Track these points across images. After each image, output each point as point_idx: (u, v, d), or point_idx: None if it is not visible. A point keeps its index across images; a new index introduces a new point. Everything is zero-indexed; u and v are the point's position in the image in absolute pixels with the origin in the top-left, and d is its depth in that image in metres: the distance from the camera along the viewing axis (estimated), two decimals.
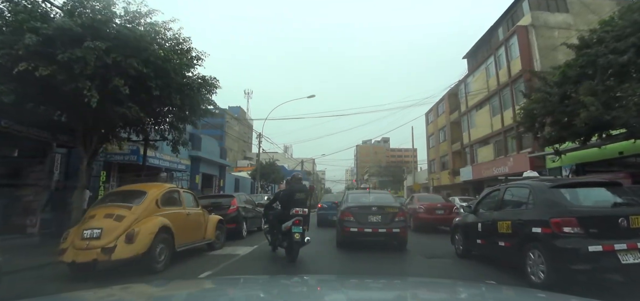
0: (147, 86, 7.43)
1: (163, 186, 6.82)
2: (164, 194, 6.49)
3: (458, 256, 7.27)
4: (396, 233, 8.00)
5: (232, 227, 10.30)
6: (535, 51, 21.00)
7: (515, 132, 21.77)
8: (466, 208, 7.92)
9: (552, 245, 4.50)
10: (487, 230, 6.08)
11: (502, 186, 6.39)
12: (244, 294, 1.95)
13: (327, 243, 9.66)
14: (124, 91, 6.84)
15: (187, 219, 6.99)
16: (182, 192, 7.12)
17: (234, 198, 10.83)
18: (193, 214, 7.31)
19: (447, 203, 14.28)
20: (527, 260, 4.88)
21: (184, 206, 7.02)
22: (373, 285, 2.30)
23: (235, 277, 4.26)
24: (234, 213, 10.45)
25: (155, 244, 5.76)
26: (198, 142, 20.41)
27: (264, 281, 2.82)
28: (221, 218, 8.72)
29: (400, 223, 8.15)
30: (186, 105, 8.76)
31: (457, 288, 2.25)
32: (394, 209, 8.36)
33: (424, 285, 2.61)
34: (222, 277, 5.09)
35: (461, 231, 7.30)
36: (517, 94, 21.69)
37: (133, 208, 5.90)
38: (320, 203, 16.32)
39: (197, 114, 9.40)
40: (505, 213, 5.77)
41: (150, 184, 7.67)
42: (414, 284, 2.60)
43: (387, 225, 7.98)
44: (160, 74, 7.59)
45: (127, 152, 12.52)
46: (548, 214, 4.67)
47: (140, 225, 5.68)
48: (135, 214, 5.80)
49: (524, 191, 5.52)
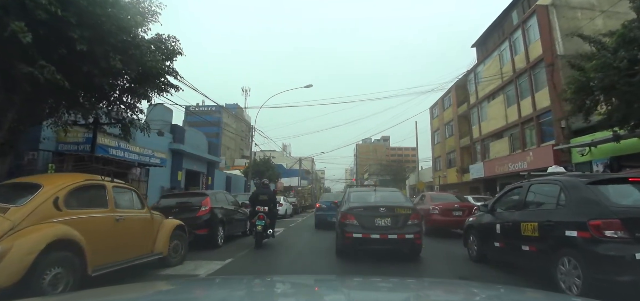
0: (68, 37, 5.30)
1: (72, 177, 4.60)
2: (71, 190, 4.28)
3: (472, 260, 6.63)
4: (409, 239, 6.50)
5: (203, 233, 8.14)
6: (556, 33, 18.78)
7: (534, 123, 19.58)
8: (482, 207, 6.84)
9: (590, 252, 3.94)
10: (508, 232, 5.47)
11: (525, 182, 5.64)
12: (242, 294, 1.85)
13: (324, 253, 7.72)
14: (24, 38, 4.70)
15: (116, 228, 4.80)
16: (111, 188, 4.91)
17: (206, 196, 8.63)
18: (128, 219, 5.12)
19: (466, 203, 12.27)
20: (558, 268, 4.30)
21: (111, 208, 4.83)
22: (376, 285, 2.13)
23: (228, 277, 4.31)
24: (205, 216, 8.28)
25: (42, 269, 3.59)
26: (181, 134, 18.23)
27: (262, 281, 2.54)
28: (180, 224, 6.54)
29: (415, 227, 6.66)
30: (132, 71, 6.59)
31: (471, 290, 2.05)
32: (406, 210, 6.80)
33: (433, 285, 2.46)
34: (213, 277, 4.83)
35: (476, 232, 6.64)
36: (537, 80, 19.55)
37: (10, 211, 3.71)
38: (319, 203, 14.60)
39: (150, 85, 7.20)
40: (530, 213, 5.17)
41: (55, 175, 5.58)
42: (420, 284, 2.35)
43: (399, 230, 6.53)
44: (88, 22, 5.45)
45: (82, 140, 10.35)
46: (586, 216, 4.10)
47: (16, 239, 3.50)
48: (11, 220, 3.61)
49: (554, 188, 4.84)
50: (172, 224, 6.28)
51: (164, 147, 16.47)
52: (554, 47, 18.53)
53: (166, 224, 6.21)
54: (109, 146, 10.75)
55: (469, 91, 27.75)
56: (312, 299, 1.86)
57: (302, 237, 10.69)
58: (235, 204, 10.53)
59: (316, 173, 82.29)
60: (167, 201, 8.75)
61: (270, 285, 2.25)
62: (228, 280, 2.95)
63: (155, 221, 5.92)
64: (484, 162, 24.59)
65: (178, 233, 6.43)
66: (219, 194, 9.76)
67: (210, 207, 8.41)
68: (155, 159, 13.26)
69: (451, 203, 11.56)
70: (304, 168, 55.04)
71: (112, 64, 5.87)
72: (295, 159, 49.27)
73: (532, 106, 19.54)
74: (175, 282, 3.13)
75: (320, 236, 10.77)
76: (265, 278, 3.32)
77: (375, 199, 7.61)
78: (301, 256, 7.95)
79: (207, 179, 21.89)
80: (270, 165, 30.37)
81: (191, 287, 2.17)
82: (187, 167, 19.15)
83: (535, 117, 19.37)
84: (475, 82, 26.56)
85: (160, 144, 15.88)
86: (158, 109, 17.37)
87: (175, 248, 6.32)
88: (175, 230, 6.29)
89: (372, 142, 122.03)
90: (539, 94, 19.19)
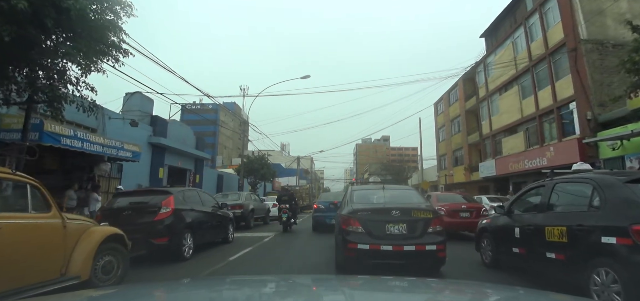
0: None
1: None
2: None
3: (485, 265, 6.10)
4: (431, 252, 5.05)
5: (163, 243, 6.32)
6: (579, 15, 16.97)
7: (554, 115, 17.73)
8: (498, 208, 6.20)
9: (633, 262, 3.34)
10: (529, 237, 4.91)
11: (548, 181, 5.03)
12: (240, 294, 1.89)
13: (322, 269, 5.89)
14: None
15: None
16: None
17: (169, 195, 6.76)
18: (12, 229, 3.29)
19: (474, 204, 11.25)
20: (591, 280, 3.70)
21: None
22: (378, 286, 2.05)
23: (227, 277, 4.29)
24: (166, 220, 6.45)
25: None
26: (162, 126, 16.37)
27: (261, 281, 2.50)
28: (116, 233, 4.71)
29: (437, 236, 5.20)
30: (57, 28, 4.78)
31: (483, 291, 1.93)
32: (426, 214, 5.30)
33: (443, 285, 2.35)
34: (213, 277, 4.60)
35: (490, 236, 6.09)
36: (558, 68, 17.71)
37: None
38: (316, 204, 13.07)
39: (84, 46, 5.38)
40: (556, 216, 4.59)
41: None
42: (428, 286, 2.10)
43: (417, 240, 5.06)
44: None
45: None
46: (627, 219, 3.51)
47: None
48: None
49: (585, 188, 4.30)
50: (100, 235, 4.44)
51: (141, 140, 14.63)
52: (577, 31, 16.72)
53: (92, 234, 4.37)
54: (62, 134, 8.89)
55: (478, 84, 25.91)
56: (312, 299, 1.82)
57: (293, 246, 8.84)
58: (214, 206, 8.68)
59: (315, 173, 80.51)
60: (122, 202, 6.91)
61: (270, 285, 2.16)
62: (227, 280, 2.92)
63: (71, 230, 4.07)
64: (496, 159, 22.73)
65: (112, 246, 4.60)
66: (190, 192, 7.87)
67: (173, 208, 6.57)
68: (125, 152, 11.39)
69: (458, 204, 10.70)
70: (302, 168, 53.25)
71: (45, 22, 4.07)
72: (294, 158, 47.43)
73: (552, 96, 17.70)
74: (174, 282, 3.10)
75: (316, 244, 8.96)
76: (265, 278, 3.21)
77: (385, 199, 5.88)
78: (291, 271, 6.16)
79: (195, 178, 20.06)
80: (264, 163, 28.47)
81: (189, 287, 2.14)
82: (171, 163, 17.31)
83: (555, 108, 17.53)
84: (485, 74, 24.72)
85: (137, 136, 14.05)
86: (136, 98, 15.58)
87: (107, 267, 4.49)
88: (106, 242, 4.46)
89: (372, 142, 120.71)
90: (560, 83, 17.36)
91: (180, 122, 19.48)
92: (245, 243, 9.11)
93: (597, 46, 16.51)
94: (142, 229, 6.25)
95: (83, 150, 9.61)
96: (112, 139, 11.15)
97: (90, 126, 12.34)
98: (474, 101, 26.78)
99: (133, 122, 12.86)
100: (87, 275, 4.15)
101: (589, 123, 15.74)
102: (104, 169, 12.67)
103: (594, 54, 16.34)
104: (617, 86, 16.63)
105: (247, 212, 13.32)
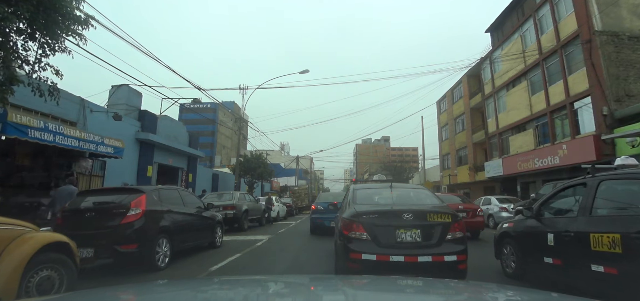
0: None
1: None
2: None
3: (507, 276, 5.27)
4: (451, 263, 4.19)
5: (131, 250, 5.36)
6: (593, 5, 16.03)
7: (567, 111, 16.77)
8: (525, 211, 5.23)
9: None
10: (567, 245, 4.06)
11: (590, 178, 4.15)
12: (239, 294, 1.77)
13: None
14: None
15: None
16: None
17: (140, 194, 5.79)
18: None
19: (469, 204, 11.32)
20: None
21: None
22: (379, 286, 1.87)
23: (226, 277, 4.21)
24: (135, 223, 5.49)
25: None
26: (151, 121, 15.41)
27: (261, 281, 2.34)
28: (60, 241, 3.77)
29: (458, 244, 4.33)
30: None
31: (491, 293, 1.65)
32: (443, 217, 4.40)
33: (463, 287, 1.96)
34: (212, 278, 4.44)
35: (514, 243, 5.23)
36: (570, 61, 16.76)
37: None
38: (315, 205, 12.07)
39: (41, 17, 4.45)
40: (604, 220, 3.79)
41: None
42: (447, 286, 1.83)
43: (434, 249, 4.23)
44: None
45: None
46: None
47: None
48: None
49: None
50: (35, 243, 3.48)
51: (128, 135, 13.68)
52: (591, 22, 15.78)
53: (24, 242, 3.42)
54: (29, 126, 7.94)
55: (484, 80, 24.96)
56: (311, 299, 1.73)
57: (287, 252, 7.89)
58: (198, 207, 7.73)
59: (315, 173, 79.56)
60: (87, 202, 5.95)
61: (269, 284, 2.09)
62: (226, 281, 2.70)
63: None
64: (503, 158, 21.77)
65: (53, 257, 3.65)
66: (168, 191, 6.88)
67: (144, 210, 5.61)
68: (106, 147, 10.43)
69: (456, 205, 10.44)
70: (302, 168, 52.30)
71: None
72: (293, 158, 46.49)
73: (564, 91, 16.75)
74: (172, 282, 2.95)
75: (313, 250, 8.02)
76: (264, 277, 3.00)
77: (394, 200, 5.00)
78: None
79: (188, 176, 19.11)
80: (261, 162, 27.50)
81: (188, 287, 1.99)
82: (161, 161, 16.35)
83: (568, 104, 16.57)
84: (491, 70, 23.77)
85: (123, 131, 13.10)
86: (122, 90, 14.61)
87: (44, 284, 3.54)
88: (43, 253, 3.51)
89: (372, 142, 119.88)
90: (573, 77, 16.42)
91: (172, 118, 18.48)
92: (234, 248, 8.17)
93: (612, 38, 15.60)
94: (107, 234, 5.32)
95: (55, 144, 8.65)
96: (91, 133, 10.19)
97: (69, 119, 11.42)
98: (479, 98, 25.83)
99: (116, 115, 11.90)
100: (12, 294, 3.20)
101: (605, 119, 14.81)
102: (85, 166, 11.73)
103: (609, 47, 15.42)
104: (634, 81, 15.74)
105: (240, 213, 12.35)
